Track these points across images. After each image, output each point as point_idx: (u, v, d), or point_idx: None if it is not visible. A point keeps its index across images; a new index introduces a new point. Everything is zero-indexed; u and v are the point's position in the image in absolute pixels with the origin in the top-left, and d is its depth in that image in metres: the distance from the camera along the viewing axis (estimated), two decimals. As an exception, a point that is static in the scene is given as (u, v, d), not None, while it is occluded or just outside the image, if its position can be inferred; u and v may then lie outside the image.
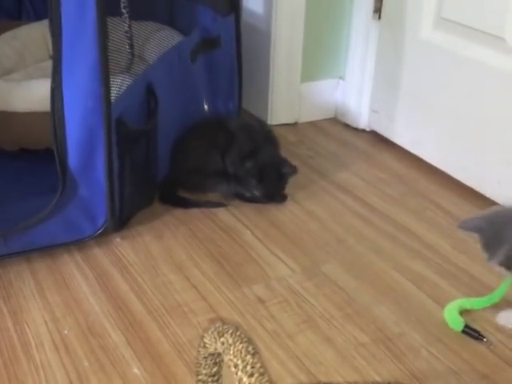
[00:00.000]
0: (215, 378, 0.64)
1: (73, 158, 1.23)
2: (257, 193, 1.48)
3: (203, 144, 1.50)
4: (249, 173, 1.46)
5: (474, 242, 1.39)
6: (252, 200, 1.51)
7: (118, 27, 1.30)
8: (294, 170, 1.50)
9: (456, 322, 1.14)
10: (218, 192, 1.51)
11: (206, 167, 1.50)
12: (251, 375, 0.52)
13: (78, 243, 1.32)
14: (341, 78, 1.95)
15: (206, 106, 1.61)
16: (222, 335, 0.57)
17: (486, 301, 1.18)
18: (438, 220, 1.48)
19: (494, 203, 1.52)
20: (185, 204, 1.49)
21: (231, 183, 1.49)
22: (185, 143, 1.52)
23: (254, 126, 1.59)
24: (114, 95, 1.23)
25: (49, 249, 1.30)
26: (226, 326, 0.58)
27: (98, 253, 1.33)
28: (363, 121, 1.91)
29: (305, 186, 1.61)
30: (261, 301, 1.21)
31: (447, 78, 1.61)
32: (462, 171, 1.61)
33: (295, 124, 1.94)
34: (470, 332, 1.13)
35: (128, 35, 1.31)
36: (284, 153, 1.72)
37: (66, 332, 1.12)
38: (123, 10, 1.28)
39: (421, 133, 1.72)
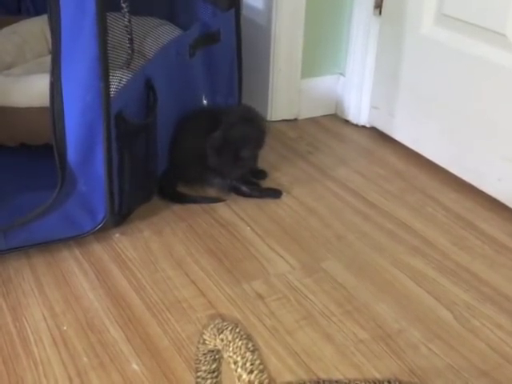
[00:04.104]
0: (214, 374, 0.64)
1: (72, 152, 1.23)
2: (212, 163, 1.44)
3: (200, 135, 1.50)
4: (211, 142, 1.43)
5: (474, 238, 1.40)
6: (248, 195, 1.51)
7: (118, 22, 1.29)
8: (253, 157, 1.49)
9: None
10: (214, 185, 1.51)
11: (203, 159, 1.49)
12: (251, 372, 0.51)
13: (77, 238, 1.32)
14: (341, 73, 1.95)
15: (204, 101, 1.61)
16: (222, 332, 0.56)
17: None
18: (438, 216, 1.48)
19: (494, 200, 1.52)
20: (183, 199, 1.49)
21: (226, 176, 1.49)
22: (182, 135, 1.52)
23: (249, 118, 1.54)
24: (113, 90, 1.22)
25: (48, 244, 1.30)
26: (225, 323, 0.57)
27: (98, 248, 1.32)
28: (363, 117, 1.91)
29: (304, 182, 1.61)
30: (260, 297, 1.21)
31: (448, 74, 1.60)
32: (462, 168, 1.60)
33: (295, 120, 1.94)
34: None
35: (127, 30, 1.30)
36: (284, 149, 1.72)
37: (65, 328, 1.12)
38: (123, 5, 1.27)
39: (421, 129, 1.72)
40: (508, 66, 1.44)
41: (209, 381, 0.64)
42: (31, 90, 1.43)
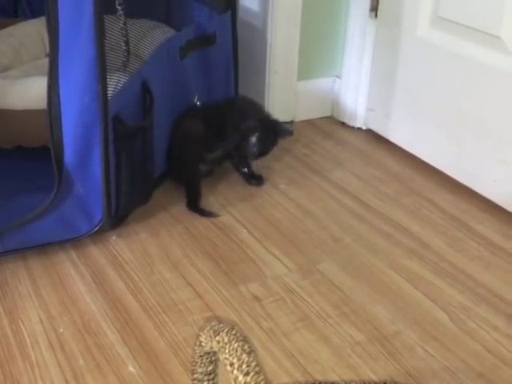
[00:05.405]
0: (211, 376, 0.64)
1: (69, 155, 1.23)
2: (254, 150, 1.53)
3: (197, 122, 1.54)
4: (250, 130, 1.50)
5: (469, 240, 1.41)
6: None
7: (115, 25, 1.29)
8: (289, 132, 1.61)
9: None
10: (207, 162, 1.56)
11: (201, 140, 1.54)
12: (247, 374, 0.51)
13: (73, 241, 1.32)
14: (337, 76, 1.95)
15: (198, 103, 1.61)
16: (218, 334, 0.57)
17: None
18: (434, 218, 1.49)
19: (489, 201, 1.52)
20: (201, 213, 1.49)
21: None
22: (180, 124, 1.55)
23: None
24: (110, 92, 1.22)
25: (44, 247, 1.29)
26: (221, 325, 0.58)
27: (94, 251, 1.32)
28: (359, 119, 1.91)
29: (301, 185, 1.61)
30: (257, 299, 1.21)
31: (443, 76, 1.61)
32: (458, 170, 1.61)
33: (291, 122, 1.94)
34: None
35: (123, 32, 1.30)
36: (280, 151, 1.72)
37: (61, 330, 1.11)
38: (118, 7, 1.27)
39: (417, 131, 1.72)
40: (503, 68, 1.44)
41: (205, 383, 0.64)
42: (28, 92, 1.43)
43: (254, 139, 1.50)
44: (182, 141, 1.53)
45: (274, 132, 1.56)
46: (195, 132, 1.53)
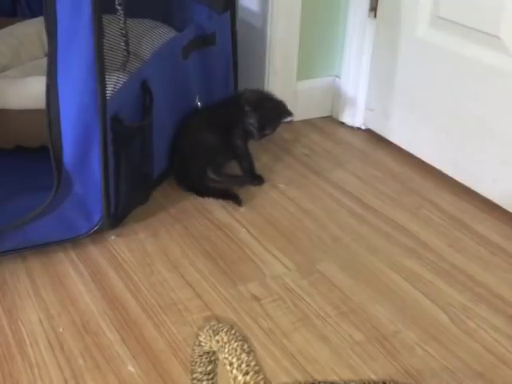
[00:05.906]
0: (210, 376, 0.64)
1: (68, 155, 1.23)
2: (252, 122, 1.53)
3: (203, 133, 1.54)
4: (246, 102, 1.52)
5: (469, 239, 1.41)
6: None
7: (114, 24, 1.29)
8: (290, 113, 1.61)
9: None
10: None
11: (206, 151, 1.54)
12: (246, 373, 0.51)
13: (72, 241, 1.32)
14: (336, 76, 1.95)
15: (199, 103, 1.61)
16: (217, 333, 0.57)
17: None
18: (434, 218, 1.49)
19: (489, 201, 1.52)
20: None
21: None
22: (187, 130, 1.55)
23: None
24: (109, 92, 1.22)
25: (43, 246, 1.29)
26: (221, 325, 0.58)
27: (93, 250, 1.32)
28: (359, 119, 1.91)
29: (300, 184, 1.61)
30: (256, 299, 1.21)
31: (443, 76, 1.61)
32: (458, 169, 1.61)
33: (291, 122, 1.93)
34: None
35: (123, 32, 1.30)
36: (279, 151, 1.72)
37: (60, 330, 1.11)
38: (118, 7, 1.27)
39: (416, 131, 1.72)
40: (501, 68, 1.44)
41: (204, 382, 0.64)
42: (27, 92, 1.43)
43: (249, 109, 1.51)
44: (194, 154, 1.53)
45: (276, 108, 1.57)
46: (209, 146, 1.53)
